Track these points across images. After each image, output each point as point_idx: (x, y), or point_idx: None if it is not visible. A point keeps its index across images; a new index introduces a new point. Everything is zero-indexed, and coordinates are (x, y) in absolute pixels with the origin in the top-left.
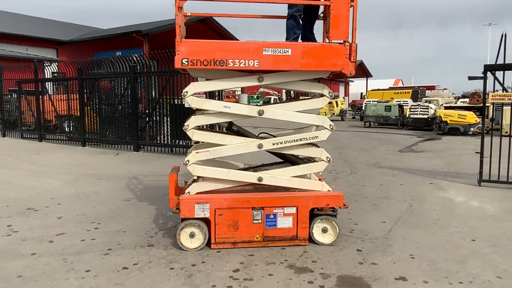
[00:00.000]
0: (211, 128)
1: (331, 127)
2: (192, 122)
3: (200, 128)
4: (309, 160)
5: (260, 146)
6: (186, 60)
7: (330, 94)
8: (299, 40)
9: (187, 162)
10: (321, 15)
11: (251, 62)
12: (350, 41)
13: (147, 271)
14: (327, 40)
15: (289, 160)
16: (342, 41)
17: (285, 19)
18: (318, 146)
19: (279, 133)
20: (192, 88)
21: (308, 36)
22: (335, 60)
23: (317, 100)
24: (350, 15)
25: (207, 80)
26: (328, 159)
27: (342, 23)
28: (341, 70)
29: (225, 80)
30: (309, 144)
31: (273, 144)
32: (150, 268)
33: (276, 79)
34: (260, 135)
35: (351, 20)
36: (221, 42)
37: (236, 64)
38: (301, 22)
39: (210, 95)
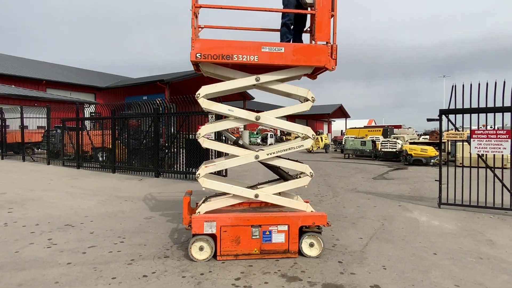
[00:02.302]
0: (219, 140)
1: (313, 136)
2: (203, 130)
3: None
4: (296, 176)
5: (257, 157)
6: (200, 54)
7: (313, 98)
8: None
9: (198, 175)
10: (308, 29)
11: (252, 57)
12: (332, 43)
13: (163, 279)
14: (313, 42)
15: (281, 175)
16: (325, 42)
17: (278, 32)
18: (302, 163)
19: (271, 145)
20: (203, 90)
21: (297, 41)
22: (320, 57)
23: (302, 105)
24: (331, 22)
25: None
26: (311, 174)
27: (325, 28)
28: (324, 65)
29: (229, 82)
30: (296, 160)
31: (267, 154)
32: (166, 276)
33: (270, 77)
34: (257, 150)
35: (332, 26)
36: (228, 40)
37: (240, 58)
38: (292, 30)
39: (219, 134)
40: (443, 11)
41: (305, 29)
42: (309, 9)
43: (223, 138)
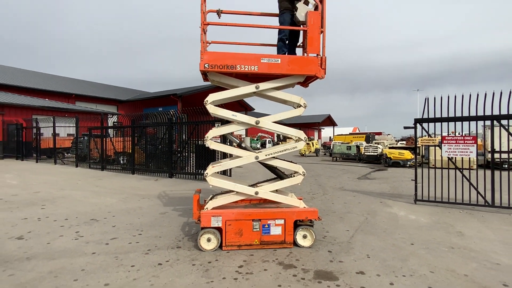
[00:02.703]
0: (224, 143)
1: (305, 138)
2: (210, 133)
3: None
4: (291, 175)
5: (256, 157)
6: (207, 64)
7: (305, 104)
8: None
9: (206, 174)
10: (301, 44)
11: (253, 67)
12: (321, 55)
13: (176, 267)
14: (305, 54)
15: (278, 175)
16: (315, 54)
17: (275, 47)
18: (296, 163)
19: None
20: (211, 97)
21: (292, 53)
22: (311, 67)
23: (295, 110)
24: (321, 37)
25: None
26: (303, 173)
27: (315, 42)
28: (315, 74)
29: (233, 90)
30: (290, 161)
31: (266, 155)
32: (178, 264)
33: (268, 84)
34: (257, 152)
35: (321, 40)
36: (232, 52)
37: (242, 68)
38: (287, 45)
39: (224, 139)
40: (416, 35)
41: (298, 44)
42: (301, 26)
43: (228, 142)
